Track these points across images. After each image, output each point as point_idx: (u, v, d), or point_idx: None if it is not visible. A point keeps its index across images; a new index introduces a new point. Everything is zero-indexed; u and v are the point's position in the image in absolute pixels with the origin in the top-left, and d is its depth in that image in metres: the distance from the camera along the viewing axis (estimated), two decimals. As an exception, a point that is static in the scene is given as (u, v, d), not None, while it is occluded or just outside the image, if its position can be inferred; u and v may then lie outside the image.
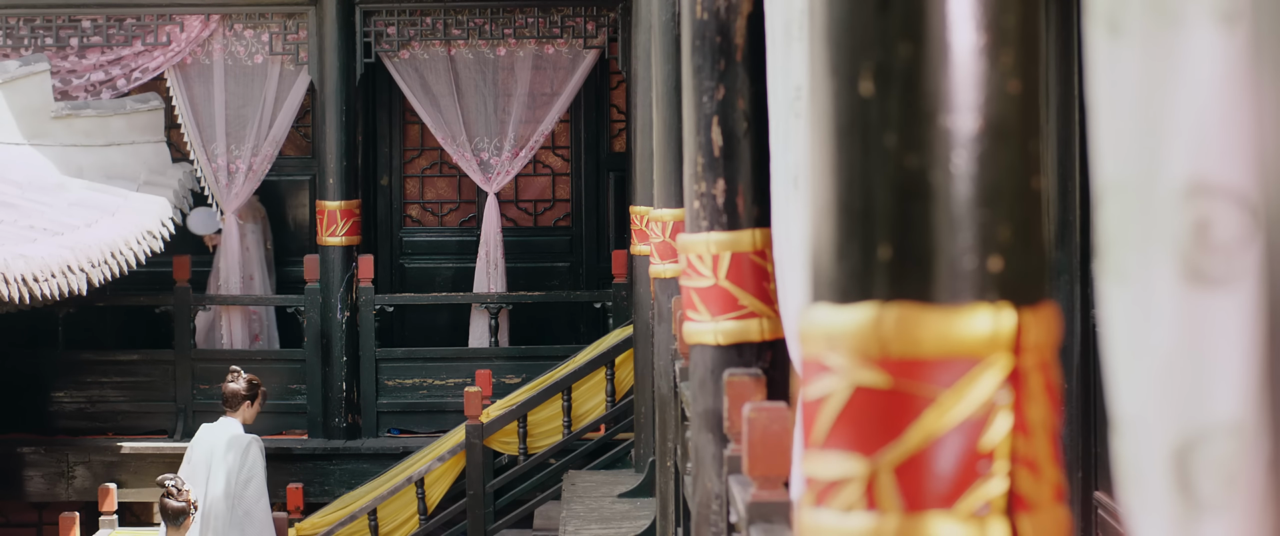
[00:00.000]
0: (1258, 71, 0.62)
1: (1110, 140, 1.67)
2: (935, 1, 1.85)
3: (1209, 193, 1.50)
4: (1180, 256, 1.42)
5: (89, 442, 12.29)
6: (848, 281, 1.88)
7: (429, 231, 13.50)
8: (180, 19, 12.47)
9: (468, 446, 10.85)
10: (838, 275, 1.90)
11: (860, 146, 1.88)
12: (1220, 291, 1.59)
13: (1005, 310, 1.84)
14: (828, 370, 1.88)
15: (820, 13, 1.92)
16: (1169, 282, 1.48)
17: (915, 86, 1.85)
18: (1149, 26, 1.55)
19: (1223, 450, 1.48)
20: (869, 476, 1.85)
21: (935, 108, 1.85)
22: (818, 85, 1.94)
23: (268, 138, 12.57)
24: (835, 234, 1.90)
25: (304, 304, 12.32)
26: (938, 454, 1.84)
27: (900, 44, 1.85)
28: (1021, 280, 1.86)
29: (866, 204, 1.87)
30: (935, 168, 1.85)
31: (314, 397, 12.32)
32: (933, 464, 1.84)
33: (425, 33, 12.52)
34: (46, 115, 11.57)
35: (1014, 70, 1.86)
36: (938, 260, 1.85)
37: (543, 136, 12.73)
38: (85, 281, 9.51)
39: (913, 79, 1.85)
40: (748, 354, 4.37)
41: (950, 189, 1.85)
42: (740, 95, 4.41)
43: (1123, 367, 1.68)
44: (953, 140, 1.85)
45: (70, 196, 10.98)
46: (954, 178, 1.85)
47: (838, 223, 1.90)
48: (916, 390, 1.83)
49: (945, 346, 1.83)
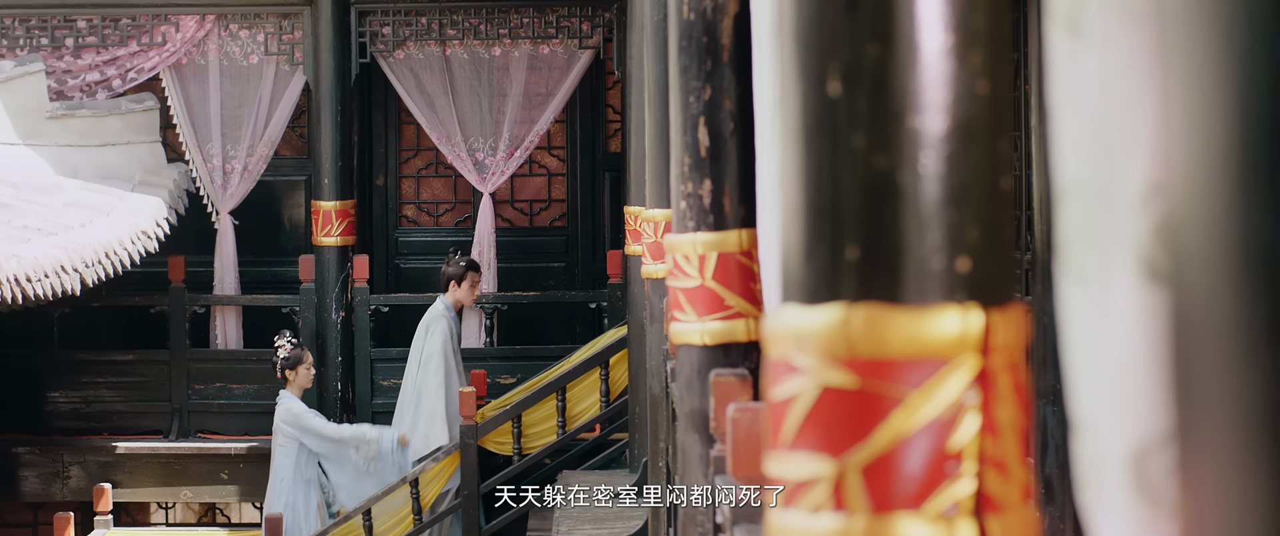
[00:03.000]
0: (1164, 72, 0.62)
1: (1070, 141, 1.67)
2: (903, 2, 1.85)
3: (1169, 192, 1.49)
4: (1140, 257, 1.42)
5: (84, 442, 12.28)
6: (816, 282, 1.88)
7: (424, 231, 13.49)
8: (175, 19, 12.46)
9: (462, 446, 10.84)
10: (806, 275, 1.89)
11: (828, 147, 1.88)
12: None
13: (973, 311, 1.84)
14: (795, 370, 1.88)
15: (788, 13, 1.92)
16: (1128, 283, 1.47)
17: (883, 87, 1.85)
18: (1108, 27, 1.55)
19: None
20: (836, 477, 1.85)
21: (903, 108, 1.85)
22: (786, 86, 1.93)
23: (263, 138, 12.57)
24: (803, 234, 1.90)
25: (299, 304, 12.32)
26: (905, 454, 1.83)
27: (868, 44, 1.85)
28: (990, 281, 1.86)
29: (834, 204, 1.87)
30: (903, 168, 1.85)
31: (309, 397, 12.30)
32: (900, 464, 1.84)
33: (420, 33, 12.52)
34: (41, 115, 11.56)
35: (982, 70, 1.86)
36: (906, 261, 1.85)
37: (538, 137, 12.73)
38: (78, 281, 9.51)
39: (881, 79, 1.85)
40: (734, 354, 4.37)
41: (918, 189, 1.84)
42: (727, 95, 4.40)
43: (1081, 369, 1.68)
44: (921, 141, 1.85)
45: (65, 196, 10.98)
46: (922, 178, 1.85)
47: (806, 223, 1.90)
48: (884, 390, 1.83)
49: (913, 347, 1.83)
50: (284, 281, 12.81)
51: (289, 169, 13.12)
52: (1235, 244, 0.65)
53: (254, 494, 12.38)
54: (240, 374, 12.43)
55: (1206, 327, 0.64)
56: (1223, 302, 0.64)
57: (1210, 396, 0.66)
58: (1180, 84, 0.64)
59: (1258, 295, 0.63)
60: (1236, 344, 0.65)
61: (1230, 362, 0.66)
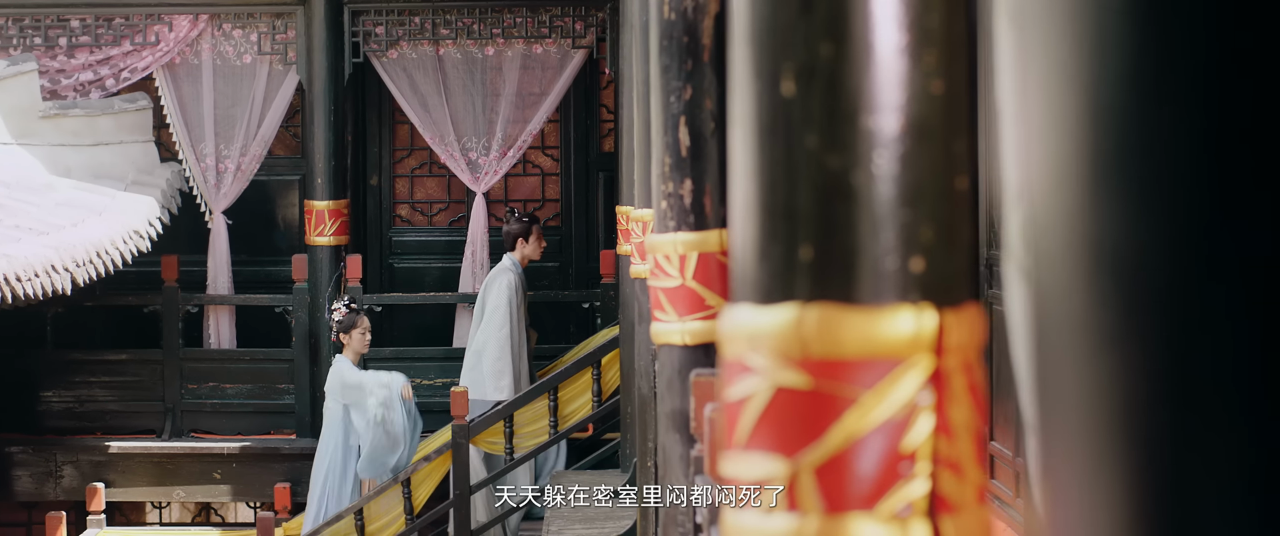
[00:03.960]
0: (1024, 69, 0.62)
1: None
2: (857, 1, 1.85)
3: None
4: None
5: (77, 442, 12.28)
6: (769, 282, 1.88)
7: (418, 231, 13.49)
8: (169, 19, 12.46)
9: (454, 446, 10.83)
10: (759, 275, 1.89)
11: (782, 147, 1.87)
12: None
13: (927, 311, 1.83)
14: (749, 371, 1.87)
15: (743, 13, 1.92)
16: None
17: (837, 86, 1.84)
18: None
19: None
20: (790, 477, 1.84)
21: (857, 108, 1.84)
22: (739, 86, 1.93)
23: (256, 137, 12.56)
24: (757, 234, 1.89)
25: (292, 303, 12.32)
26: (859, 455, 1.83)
27: (822, 44, 1.85)
28: (944, 281, 1.86)
29: (788, 204, 1.86)
30: (857, 168, 1.84)
31: (302, 397, 12.32)
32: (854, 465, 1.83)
33: (413, 32, 12.52)
34: (34, 115, 11.56)
35: (937, 70, 1.86)
36: (860, 261, 1.84)
37: (531, 136, 12.73)
38: (69, 281, 9.50)
39: (834, 79, 1.84)
40: (715, 354, 4.37)
41: (872, 189, 1.84)
42: (707, 95, 4.40)
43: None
44: (875, 140, 1.84)
45: (57, 196, 10.97)
46: (876, 178, 1.84)
47: (759, 223, 1.89)
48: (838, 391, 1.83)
49: (867, 347, 1.83)
50: (278, 281, 12.80)
51: (283, 168, 13.12)
52: (1084, 244, 0.65)
53: (247, 493, 12.38)
54: (233, 373, 12.43)
55: (1059, 327, 0.64)
56: (1073, 303, 0.64)
57: (1062, 394, 0.66)
58: (1036, 81, 0.64)
59: (1104, 296, 0.63)
60: (1084, 343, 0.65)
61: (1078, 361, 0.66)
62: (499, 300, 11.44)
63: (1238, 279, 0.62)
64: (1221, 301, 0.62)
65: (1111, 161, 0.64)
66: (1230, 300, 0.62)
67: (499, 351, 11.37)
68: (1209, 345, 0.62)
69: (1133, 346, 0.64)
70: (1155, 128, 0.63)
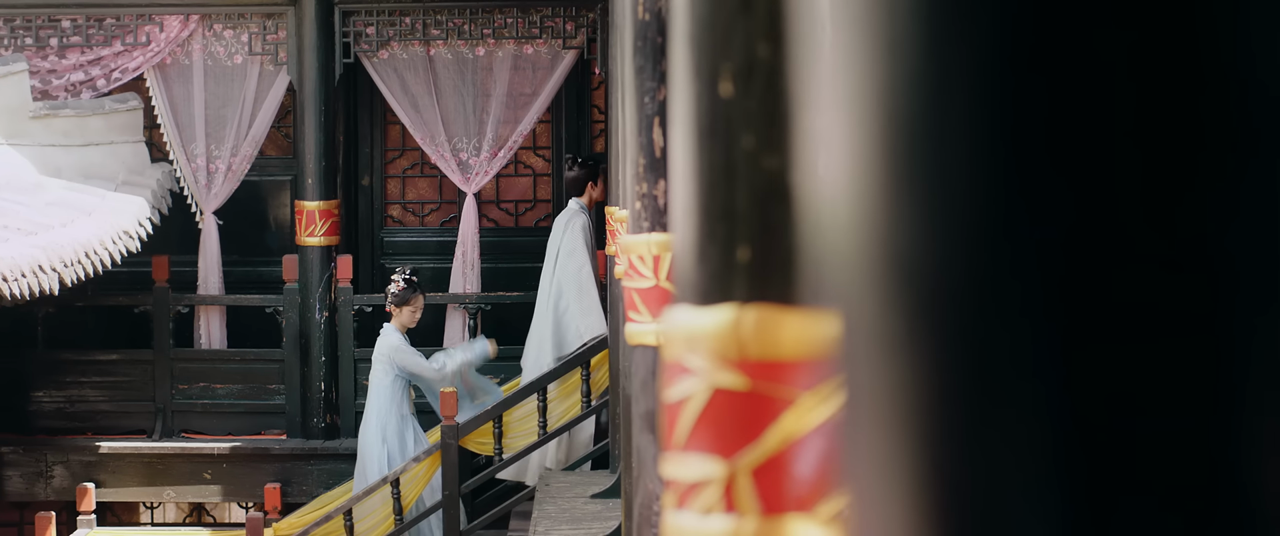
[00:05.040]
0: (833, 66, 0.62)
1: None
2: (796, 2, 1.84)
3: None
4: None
5: (68, 442, 12.28)
6: (707, 283, 1.88)
7: (410, 231, 13.49)
8: (160, 19, 12.46)
9: (443, 447, 10.84)
10: (698, 277, 1.89)
11: (720, 148, 1.87)
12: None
13: (865, 312, 1.83)
14: (688, 372, 1.87)
15: (682, 13, 1.92)
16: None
17: (774, 87, 1.84)
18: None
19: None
20: (727, 478, 1.84)
21: (795, 109, 1.84)
22: (679, 86, 1.93)
23: (247, 138, 12.56)
24: (696, 235, 1.89)
25: (282, 304, 12.31)
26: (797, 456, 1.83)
27: (760, 44, 1.84)
28: (882, 282, 1.85)
29: (726, 205, 1.86)
30: (794, 169, 1.84)
31: (292, 398, 12.32)
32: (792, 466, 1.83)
33: (404, 33, 12.52)
34: (24, 115, 11.56)
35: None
36: (797, 262, 1.84)
37: (522, 137, 12.73)
38: (57, 281, 9.50)
39: (772, 80, 1.84)
40: (688, 355, 4.36)
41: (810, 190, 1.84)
42: (681, 96, 4.39)
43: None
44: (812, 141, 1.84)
45: (47, 196, 10.97)
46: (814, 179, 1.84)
47: (698, 224, 1.89)
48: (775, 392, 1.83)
49: (805, 348, 1.83)
50: (269, 281, 12.80)
51: (275, 169, 13.11)
52: (878, 247, 0.65)
53: (237, 494, 12.38)
54: (224, 374, 12.43)
55: (857, 330, 0.65)
56: (867, 306, 0.64)
57: (862, 396, 0.66)
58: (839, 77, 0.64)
59: (896, 300, 0.64)
60: (878, 346, 0.65)
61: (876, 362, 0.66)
62: (576, 242, 11.60)
63: (1032, 276, 0.62)
64: (1017, 299, 0.62)
65: (906, 162, 0.64)
66: (1025, 297, 0.62)
67: (586, 287, 11.49)
68: (1006, 343, 0.62)
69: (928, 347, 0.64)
70: (946, 127, 0.63)
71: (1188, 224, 0.61)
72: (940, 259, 0.63)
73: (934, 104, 0.63)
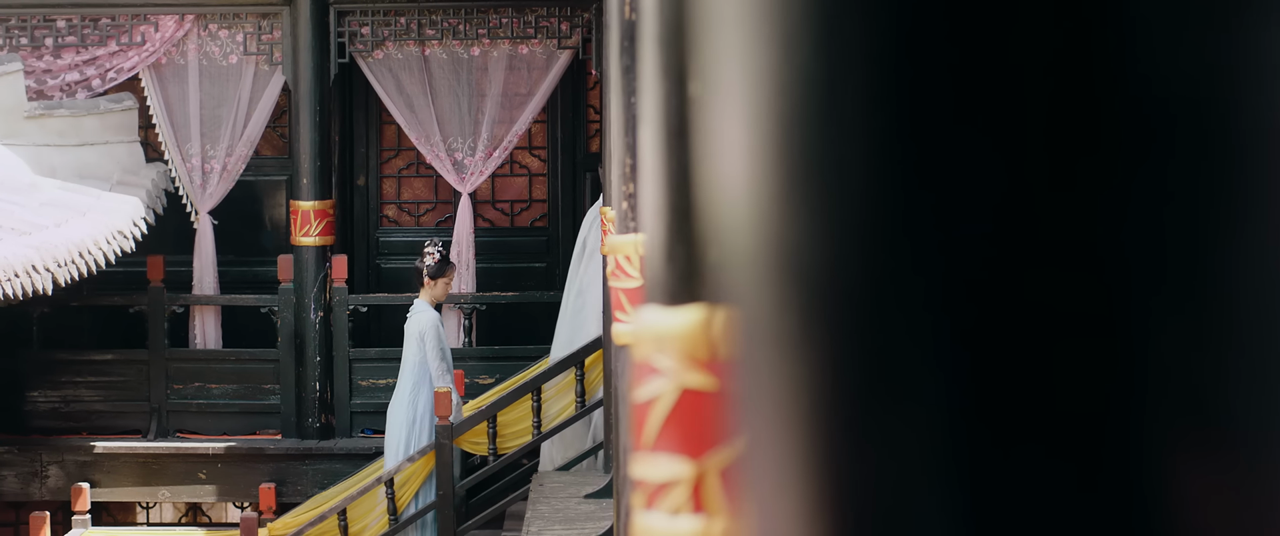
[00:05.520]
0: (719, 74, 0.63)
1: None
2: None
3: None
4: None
5: (63, 442, 12.29)
6: (676, 283, 1.88)
7: (405, 231, 13.48)
8: (155, 19, 12.46)
9: (437, 447, 10.84)
10: (666, 277, 1.89)
11: (688, 147, 1.87)
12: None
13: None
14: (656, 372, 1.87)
15: (650, 13, 1.92)
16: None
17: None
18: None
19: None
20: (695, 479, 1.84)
21: (763, 109, 1.84)
22: (647, 86, 1.93)
23: (242, 138, 12.56)
24: (664, 235, 1.89)
25: (278, 304, 12.31)
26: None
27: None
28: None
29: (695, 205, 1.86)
30: (763, 169, 1.84)
31: (287, 398, 12.32)
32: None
33: (399, 33, 12.51)
34: (20, 115, 11.55)
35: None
36: (766, 262, 1.84)
37: (517, 137, 12.72)
38: (50, 281, 9.50)
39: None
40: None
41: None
42: (668, 96, 4.39)
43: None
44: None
45: (42, 196, 10.97)
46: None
47: (667, 224, 1.89)
48: (743, 392, 1.82)
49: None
50: (265, 281, 12.80)
51: (271, 169, 13.12)
52: (773, 246, 0.65)
53: (232, 493, 12.38)
54: (219, 373, 12.43)
55: (753, 329, 0.65)
56: (761, 305, 0.64)
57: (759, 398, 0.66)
58: (738, 74, 0.64)
59: (790, 299, 0.64)
60: (774, 346, 0.65)
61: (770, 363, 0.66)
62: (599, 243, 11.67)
63: (925, 275, 0.62)
64: (911, 297, 0.62)
65: (799, 163, 0.64)
66: (919, 296, 0.62)
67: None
68: (901, 342, 0.62)
69: (823, 345, 0.64)
70: (839, 126, 0.63)
71: (1082, 223, 0.61)
72: (833, 258, 0.64)
73: (826, 103, 0.63)
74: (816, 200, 0.64)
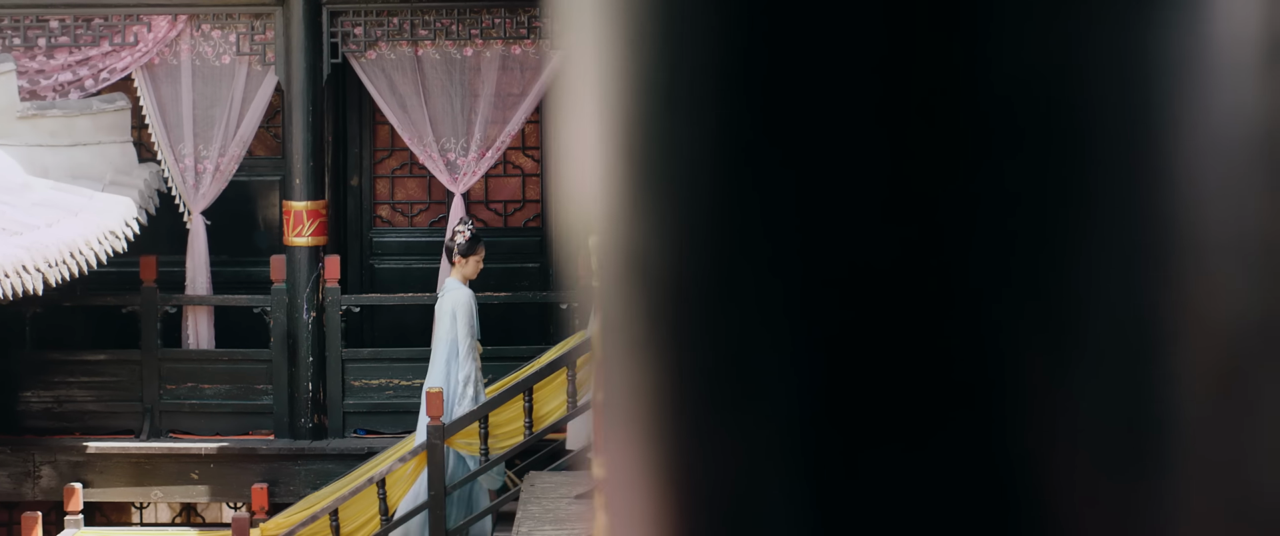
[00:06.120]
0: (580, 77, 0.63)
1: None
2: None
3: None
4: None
5: (55, 442, 12.29)
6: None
7: (399, 232, 13.49)
8: (148, 19, 12.47)
9: (429, 447, 10.84)
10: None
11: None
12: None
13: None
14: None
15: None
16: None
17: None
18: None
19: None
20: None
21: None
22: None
23: (235, 138, 12.57)
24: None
25: (270, 304, 12.32)
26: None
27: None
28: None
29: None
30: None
31: (280, 398, 12.32)
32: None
33: (392, 33, 12.52)
34: (12, 115, 11.56)
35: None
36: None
37: (510, 137, 12.73)
38: (41, 281, 9.51)
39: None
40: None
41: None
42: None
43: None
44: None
45: (34, 196, 10.98)
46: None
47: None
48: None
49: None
50: (259, 281, 12.81)
51: (264, 169, 13.13)
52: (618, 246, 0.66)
53: (225, 494, 12.39)
54: (212, 374, 12.44)
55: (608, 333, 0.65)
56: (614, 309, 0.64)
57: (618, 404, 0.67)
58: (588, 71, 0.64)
59: (633, 300, 0.64)
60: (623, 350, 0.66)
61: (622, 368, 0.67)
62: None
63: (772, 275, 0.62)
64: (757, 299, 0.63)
65: (639, 164, 0.65)
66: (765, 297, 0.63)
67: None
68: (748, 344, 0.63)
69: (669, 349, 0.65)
70: (681, 126, 0.64)
71: (927, 221, 0.62)
72: (680, 260, 0.64)
73: (668, 102, 0.63)
74: (659, 201, 0.64)
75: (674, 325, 0.63)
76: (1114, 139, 0.62)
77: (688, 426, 0.63)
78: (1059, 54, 0.61)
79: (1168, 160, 0.62)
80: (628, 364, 0.64)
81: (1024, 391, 0.62)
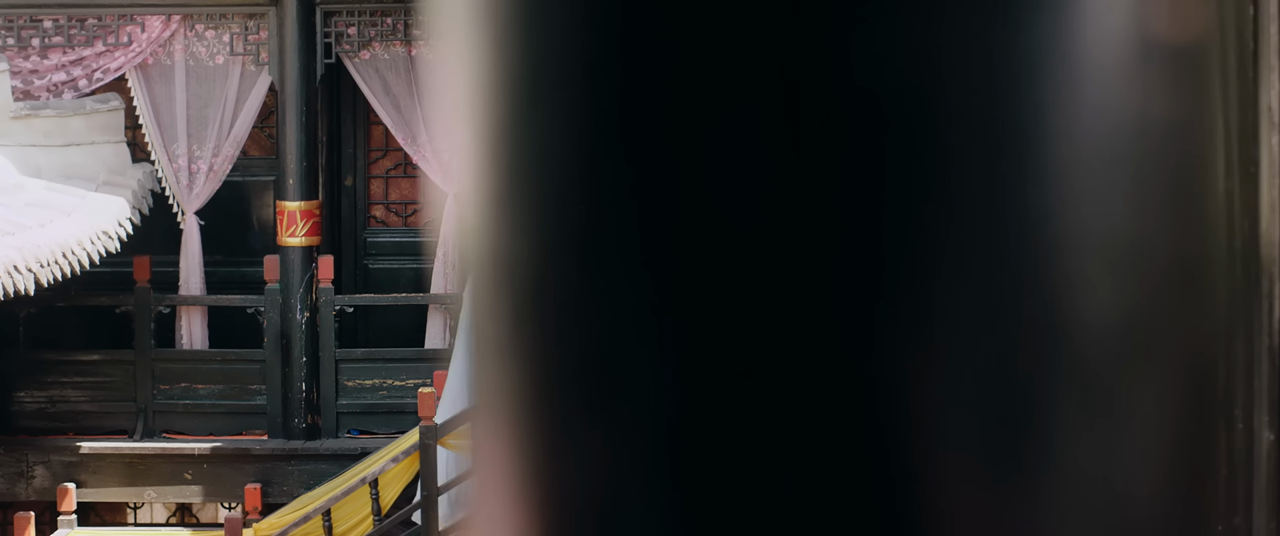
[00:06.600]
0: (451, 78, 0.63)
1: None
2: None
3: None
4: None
5: (49, 442, 12.29)
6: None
7: (393, 232, 13.49)
8: (141, 19, 12.47)
9: (422, 447, 10.84)
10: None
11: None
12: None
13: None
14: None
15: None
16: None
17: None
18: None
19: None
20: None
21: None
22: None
23: (229, 138, 12.57)
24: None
25: (264, 304, 12.32)
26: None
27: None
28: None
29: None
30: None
31: (273, 398, 12.32)
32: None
33: (386, 33, 12.52)
34: (5, 115, 11.57)
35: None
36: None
37: (504, 137, 12.73)
38: (32, 281, 9.51)
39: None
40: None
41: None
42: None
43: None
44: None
45: (27, 196, 10.98)
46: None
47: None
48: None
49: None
50: (253, 282, 12.81)
51: (259, 169, 13.13)
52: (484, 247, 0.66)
53: (218, 494, 12.39)
54: (205, 374, 12.44)
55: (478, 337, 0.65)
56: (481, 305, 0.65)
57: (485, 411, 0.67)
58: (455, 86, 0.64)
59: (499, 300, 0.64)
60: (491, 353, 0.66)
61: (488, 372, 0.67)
62: None
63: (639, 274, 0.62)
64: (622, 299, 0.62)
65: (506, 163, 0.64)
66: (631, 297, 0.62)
67: None
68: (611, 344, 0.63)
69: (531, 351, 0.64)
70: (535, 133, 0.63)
71: (789, 218, 0.61)
72: (545, 260, 0.64)
73: (532, 100, 0.63)
74: (523, 203, 0.64)
75: (539, 325, 0.63)
76: (979, 136, 0.61)
77: (555, 428, 0.63)
78: (924, 48, 0.60)
79: (1034, 159, 0.62)
80: (494, 365, 0.64)
81: (891, 390, 0.61)
